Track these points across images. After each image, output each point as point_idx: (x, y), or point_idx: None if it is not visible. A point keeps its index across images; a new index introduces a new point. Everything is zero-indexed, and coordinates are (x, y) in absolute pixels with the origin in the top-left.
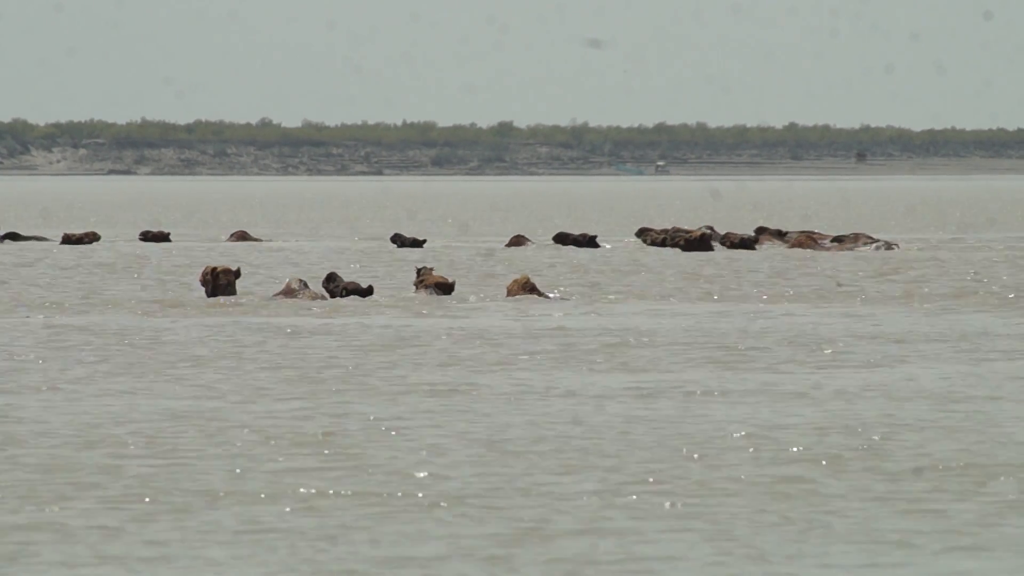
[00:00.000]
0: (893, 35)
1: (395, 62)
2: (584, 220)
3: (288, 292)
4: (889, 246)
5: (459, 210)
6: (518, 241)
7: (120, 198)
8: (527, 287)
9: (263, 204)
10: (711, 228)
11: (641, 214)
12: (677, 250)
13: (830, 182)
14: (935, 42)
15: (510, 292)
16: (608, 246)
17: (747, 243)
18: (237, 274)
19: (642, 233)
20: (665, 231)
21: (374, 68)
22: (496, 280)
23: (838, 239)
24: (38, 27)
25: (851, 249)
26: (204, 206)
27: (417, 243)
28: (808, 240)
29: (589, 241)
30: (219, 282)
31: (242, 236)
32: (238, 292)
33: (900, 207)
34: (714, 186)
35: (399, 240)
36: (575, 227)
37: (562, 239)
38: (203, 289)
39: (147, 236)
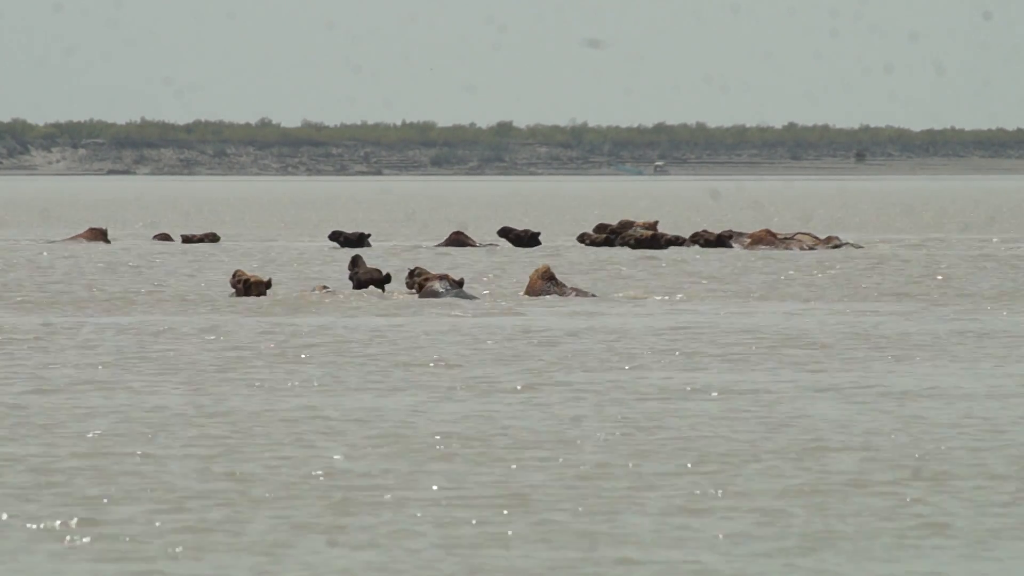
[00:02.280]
0: (892, 35)
1: (395, 62)
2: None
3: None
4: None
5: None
6: (457, 239)
7: (120, 197)
8: (547, 276)
9: (273, 204)
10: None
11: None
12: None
13: (829, 182)
14: (935, 42)
15: (531, 283)
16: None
17: (723, 241)
18: (268, 285)
19: (600, 231)
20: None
21: (374, 68)
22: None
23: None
24: (38, 27)
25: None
26: (205, 206)
27: (362, 240)
28: (768, 236)
29: (531, 238)
30: (250, 293)
31: (164, 236)
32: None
33: (882, 208)
34: (713, 186)
35: (340, 237)
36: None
37: (505, 233)
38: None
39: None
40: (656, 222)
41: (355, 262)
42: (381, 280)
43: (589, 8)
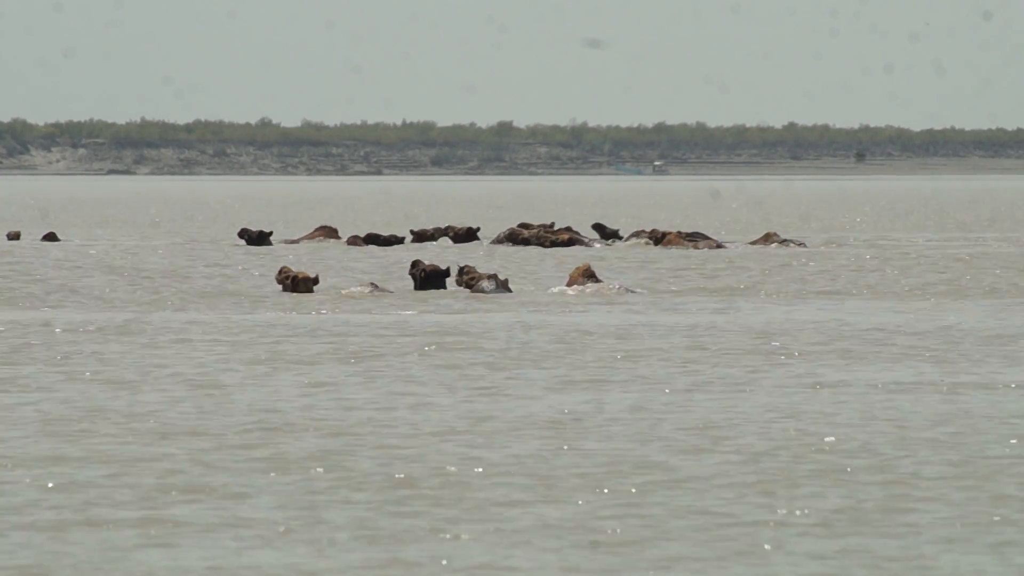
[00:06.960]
0: (892, 35)
1: (395, 62)
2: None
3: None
4: (799, 244)
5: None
6: (329, 234)
7: (121, 197)
8: (587, 274)
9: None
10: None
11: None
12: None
13: (829, 182)
14: (934, 42)
15: (572, 279)
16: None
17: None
18: (315, 281)
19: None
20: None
21: (374, 68)
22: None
23: (691, 236)
24: (37, 27)
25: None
26: (205, 206)
27: (264, 237)
28: (677, 239)
29: (260, 237)
30: (299, 289)
31: (50, 236)
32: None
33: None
34: (713, 186)
35: (246, 235)
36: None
37: (242, 234)
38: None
39: (11, 235)
40: (552, 223)
41: (414, 264)
42: (441, 274)
43: (589, 8)
